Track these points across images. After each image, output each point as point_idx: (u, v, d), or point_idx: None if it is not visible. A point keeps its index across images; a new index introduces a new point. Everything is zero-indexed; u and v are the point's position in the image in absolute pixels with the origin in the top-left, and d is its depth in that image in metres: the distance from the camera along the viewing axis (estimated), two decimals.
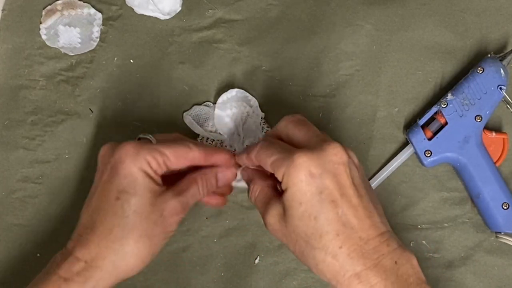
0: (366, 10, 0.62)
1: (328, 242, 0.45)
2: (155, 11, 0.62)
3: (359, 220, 0.45)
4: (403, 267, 0.46)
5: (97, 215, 0.48)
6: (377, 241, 0.46)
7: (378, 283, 0.44)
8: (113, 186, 0.48)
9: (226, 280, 0.58)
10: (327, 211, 0.45)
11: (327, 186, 0.45)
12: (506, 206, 0.56)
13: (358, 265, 0.45)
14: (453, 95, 0.58)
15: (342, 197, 0.45)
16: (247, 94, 0.60)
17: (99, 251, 0.47)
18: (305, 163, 0.45)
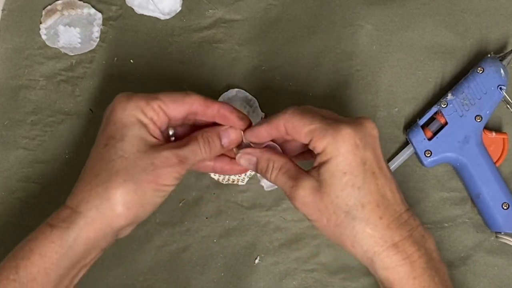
0: (366, 10, 0.62)
1: (369, 212, 0.46)
2: (155, 11, 0.62)
3: (393, 194, 0.47)
4: (428, 242, 0.48)
5: (88, 162, 0.48)
6: (406, 215, 0.47)
7: (413, 253, 0.46)
8: (103, 135, 0.48)
9: (226, 280, 0.58)
10: (369, 182, 0.46)
11: (369, 157, 0.46)
12: (506, 206, 0.56)
13: (396, 235, 0.46)
14: (453, 95, 0.58)
15: (380, 170, 0.47)
16: (247, 94, 0.60)
17: (84, 195, 0.47)
18: (351, 134, 0.46)
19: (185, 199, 0.59)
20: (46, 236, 0.46)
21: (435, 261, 0.47)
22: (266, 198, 0.59)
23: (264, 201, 0.59)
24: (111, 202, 0.46)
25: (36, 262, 0.46)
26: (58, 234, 0.46)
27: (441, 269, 0.48)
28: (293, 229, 0.59)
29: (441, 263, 0.48)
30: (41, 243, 0.46)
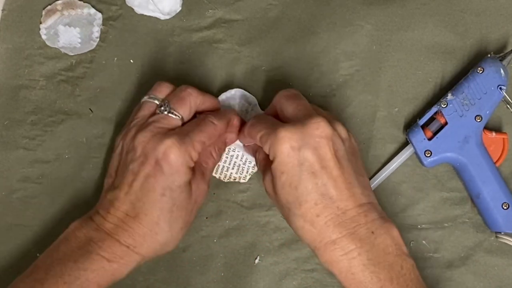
0: (366, 10, 0.62)
1: (306, 210, 0.48)
2: (155, 11, 0.62)
3: (338, 191, 0.48)
4: (380, 237, 0.48)
5: (141, 207, 0.50)
6: (354, 212, 0.48)
7: (353, 250, 0.47)
8: (158, 182, 0.50)
9: (226, 280, 0.58)
10: (306, 182, 0.48)
11: (307, 158, 0.48)
12: (506, 206, 0.56)
13: (334, 233, 0.48)
14: (453, 95, 0.58)
15: (322, 169, 0.48)
16: (246, 93, 0.60)
17: (143, 240, 0.50)
18: (286, 137, 0.48)
19: None
20: (105, 269, 0.49)
21: (388, 256, 0.48)
22: (266, 198, 0.59)
23: (264, 201, 0.59)
24: (167, 245, 0.52)
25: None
26: (117, 268, 0.50)
27: (396, 264, 0.48)
28: None
29: (400, 257, 0.48)
30: (99, 275, 0.49)
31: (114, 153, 0.54)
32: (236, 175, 0.59)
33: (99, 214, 0.51)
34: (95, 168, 0.60)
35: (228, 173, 0.59)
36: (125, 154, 0.52)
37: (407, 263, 0.48)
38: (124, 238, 0.50)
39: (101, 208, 0.52)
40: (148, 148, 0.50)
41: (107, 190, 0.53)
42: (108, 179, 0.54)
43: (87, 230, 0.51)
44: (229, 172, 0.59)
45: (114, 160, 0.54)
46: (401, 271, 0.48)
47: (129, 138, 0.52)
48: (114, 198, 0.51)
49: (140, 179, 0.50)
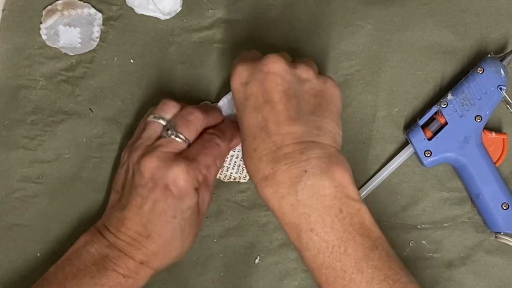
0: (366, 10, 0.62)
1: (246, 145, 0.48)
2: (155, 11, 0.62)
3: (276, 125, 0.47)
4: (315, 178, 0.45)
5: (153, 228, 0.50)
6: (291, 148, 0.46)
7: (283, 189, 0.46)
8: (169, 206, 0.50)
9: (226, 280, 0.58)
10: (248, 116, 0.48)
11: (253, 92, 0.48)
12: (506, 206, 0.56)
13: (266, 168, 0.46)
14: (453, 95, 0.58)
15: (265, 103, 0.47)
16: None
17: (157, 257, 0.51)
18: (237, 72, 0.49)
19: None
20: (122, 284, 0.50)
21: (323, 198, 0.45)
22: None
23: None
24: (178, 258, 0.53)
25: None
26: (132, 283, 0.51)
27: (333, 207, 0.45)
28: None
29: (340, 200, 0.45)
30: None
31: (121, 169, 0.54)
32: (236, 175, 0.59)
33: (109, 231, 0.51)
34: (95, 168, 0.60)
35: (228, 173, 0.59)
36: (132, 175, 0.52)
37: (348, 206, 0.45)
38: (138, 256, 0.51)
39: (110, 225, 0.52)
40: (156, 174, 0.50)
41: (115, 207, 0.53)
42: (114, 193, 0.54)
43: (100, 246, 0.51)
44: (229, 172, 0.59)
45: (120, 175, 0.54)
46: (339, 214, 0.45)
47: (135, 159, 0.52)
48: (123, 218, 0.51)
49: (150, 204, 0.50)
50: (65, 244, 0.58)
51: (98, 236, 0.52)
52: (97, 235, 0.52)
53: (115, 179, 0.55)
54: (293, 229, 0.46)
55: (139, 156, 0.52)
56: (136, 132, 0.56)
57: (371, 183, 0.59)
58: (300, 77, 0.49)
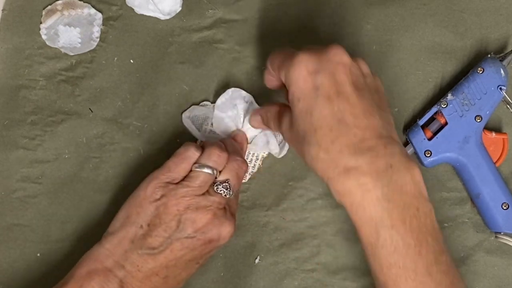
0: (366, 10, 0.62)
1: (321, 137, 0.45)
2: (155, 11, 0.62)
3: (355, 118, 0.45)
4: (398, 173, 0.45)
5: (173, 271, 0.51)
6: (373, 142, 0.45)
7: (368, 182, 0.44)
8: (201, 255, 0.51)
9: (226, 280, 0.58)
10: (321, 107, 0.45)
11: (323, 83, 0.46)
12: (505, 206, 0.56)
13: (349, 161, 0.44)
14: (453, 95, 0.58)
15: (338, 95, 0.46)
16: (241, 91, 0.60)
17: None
18: (303, 61, 0.46)
19: None
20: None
21: (404, 196, 0.44)
22: (266, 198, 0.59)
23: (264, 201, 0.59)
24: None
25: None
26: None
27: (412, 205, 0.44)
28: (293, 229, 0.59)
29: (418, 199, 0.45)
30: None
31: (150, 205, 0.51)
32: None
33: (126, 271, 0.50)
34: (95, 168, 0.60)
35: None
36: (172, 218, 0.50)
37: (424, 206, 0.45)
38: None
39: (128, 263, 0.50)
40: (208, 228, 0.51)
41: (138, 244, 0.50)
42: (136, 227, 0.51)
43: (112, 287, 0.49)
44: None
45: (149, 211, 0.51)
46: (417, 214, 0.44)
47: (182, 206, 0.50)
48: (151, 259, 0.50)
49: (187, 252, 0.50)
50: (65, 244, 0.58)
51: (109, 275, 0.49)
52: (108, 274, 0.49)
53: (135, 211, 0.51)
54: (372, 224, 0.44)
55: (189, 205, 0.50)
56: (171, 168, 0.52)
57: None
58: (362, 71, 0.48)
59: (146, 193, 0.51)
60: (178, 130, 0.60)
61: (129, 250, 0.50)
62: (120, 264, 0.50)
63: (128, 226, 0.51)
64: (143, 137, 0.60)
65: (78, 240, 0.58)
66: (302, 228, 0.59)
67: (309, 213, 0.59)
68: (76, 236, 0.58)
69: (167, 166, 0.52)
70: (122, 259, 0.50)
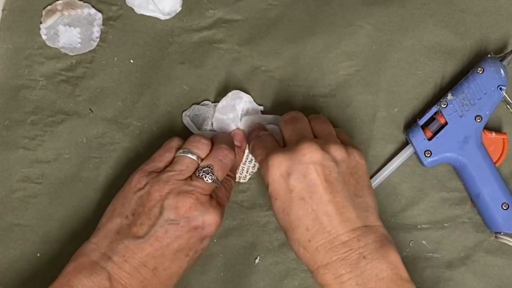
0: (366, 10, 0.62)
1: (299, 236, 0.49)
2: (155, 11, 0.62)
3: (328, 217, 0.48)
4: (373, 262, 0.47)
5: (162, 262, 0.50)
6: (346, 237, 0.48)
7: (343, 275, 0.47)
8: (188, 245, 0.51)
9: (226, 280, 0.58)
10: (297, 208, 0.49)
11: (295, 185, 0.49)
12: (505, 206, 0.56)
13: (325, 258, 0.48)
14: (453, 95, 0.58)
15: (312, 195, 0.49)
16: (240, 93, 0.60)
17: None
18: (276, 165, 0.49)
19: None
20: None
21: (381, 282, 0.47)
22: (266, 198, 0.59)
23: (264, 201, 0.59)
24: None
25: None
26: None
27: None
28: None
29: (396, 283, 0.47)
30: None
31: (134, 194, 0.52)
32: (236, 175, 0.59)
33: (113, 262, 0.49)
34: (95, 168, 0.60)
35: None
36: (155, 204, 0.50)
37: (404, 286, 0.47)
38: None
39: (115, 254, 0.49)
40: (192, 214, 0.50)
41: (122, 234, 0.50)
42: (121, 218, 0.51)
43: (98, 279, 0.49)
44: None
45: (133, 201, 0.51)
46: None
47: (164, 191, 0.51)
48: (137, 248, 0.49)
49: (172, 239, 0.50)
50: (65, 244, 0.58)
51: (95, 268, 0.49)
52: (94, 267, 0.49)
53: (121, 202, 0.52)
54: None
55: (171, 190, 0.51)
56: (155, 159, 0.54)
57: (371, 183, 0.59)
58: (335, 159, 0.50)
59: (130, 184, 0.52)
60: (178, 130, 0.60)
61: (115, 241, 0.50)
62: (107, 256, 0.50)
63: (113, 218, 0.52)
64: (143, 137, 0.60)
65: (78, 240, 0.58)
66: None
67: None
68: (76, 236, 0.58)
69: (152, 157, 0.54)
70: (108, 250, 0.50)
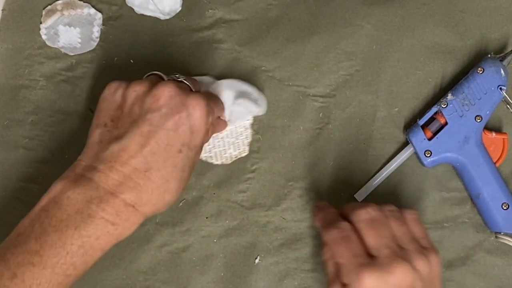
0: (366, 10, 0.62)
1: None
2: (155, 11, 0.62)
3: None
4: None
5: (155, 161, 0.47)
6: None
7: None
8: (178, 138, 0.48)
9: (226, 280, 0.58)
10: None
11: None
12: (506, 206, 0.56)
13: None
14: (453, 95, 0.58)
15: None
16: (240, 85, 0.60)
17: (151, 198, 0.47)
18: (369, 283, 0.45)
19: (185, 199, 0.59)
20: (110, 233, 0.47)
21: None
22: (266, 198, 0.59)
23: (264, 201, 0.59)
24: (169, 204, 0.49)
25: (96, 257, 0.47)
26: (122, 231, 0.47)
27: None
28: (293, 229, 0.59)
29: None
30: (104, 240, 0.47)
31: (109, 101, 0.50)
32: (235, 153, 0.59)
33: (98, 171, 0.47)
34: None
35: (228, 155, 0.59)
36: (133, 102, 0.48)
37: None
38: (130, 196, 0.47)
39: (101, 163, 0.47)
40: (174, 100, 0.48)
41: (105, 141, 0.48)
42: (100, 128, 0.49)
43: (83, 190, 0.46)
44: (228, 153, 0.59)
45: (110, 104, 0.50)
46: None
47: (140, 89, 0.49)
48: (122, 150, 0.47)
49: (160, 131, 0.47)
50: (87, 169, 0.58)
51: (81, 180, 0.46)
52: (79, 178, 0.47)
53: (98, 115, 0.50)
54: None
55: (147, 86, 0.49)
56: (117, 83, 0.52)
57: (371, 183, 0.59)
58: (422, 277, 0.47)
59: (104, 95, 0.51)
60: None
61: (99, 151, 0.48)
62: (92, 166, 0.47)
63: (93, 131, 0.50)
64: None
65: None
66: (302, 228, 0.59)
67: (309, 213, 0.59)
68: None
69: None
70: (94, 161, 0.48)
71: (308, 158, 0.60)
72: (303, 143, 0.60)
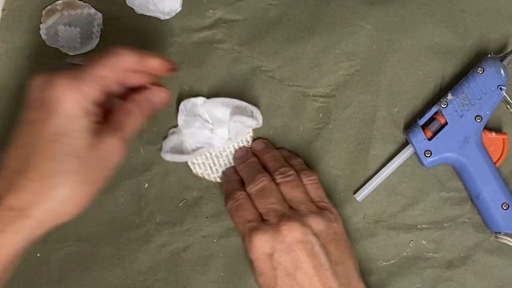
0: (366, 10, 0.62)
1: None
2: (155, 11, 0.62)
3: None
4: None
5: (29, 158, 0.43)
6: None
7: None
8: (48, 127, 0.43)
9: (226, 280, 0.58)
10: (282, 283, 0.50)
11: (281, 262, 0.50)
12: (506, 206, 0.56)
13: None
14: (453, 95, 0.58)
15: (296, 270, 0.50)
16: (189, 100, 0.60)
17: (33, 198, 0.43)
18: (260, 245, 0.50)
19: (185, 199, 0.59)
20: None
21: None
22: None
23: None
24: (64, 204, 0.44)
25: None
26: (9, 240, 0.43)
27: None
28: None
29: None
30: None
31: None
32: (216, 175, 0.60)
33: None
34: None
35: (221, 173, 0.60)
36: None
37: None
38: (11, 201, 0.43)
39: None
40: (38, 92, 0.45)
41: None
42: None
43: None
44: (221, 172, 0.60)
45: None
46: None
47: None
48: (4, 159, 0.45)
49: (25, 126, 0.45)
50: (65, 244, 0.58)
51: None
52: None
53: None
54: None
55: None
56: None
57: (371, 183, 0.59)
58: (315, 232, 0.51)
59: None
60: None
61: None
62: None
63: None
64: (143, 137, 0.60)
65: (78, 240, 0.58)
66: None
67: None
68: (76, 236, 0.58)
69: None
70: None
71: (308, 158, 0.60)
72: (303, 143, 0.60)
